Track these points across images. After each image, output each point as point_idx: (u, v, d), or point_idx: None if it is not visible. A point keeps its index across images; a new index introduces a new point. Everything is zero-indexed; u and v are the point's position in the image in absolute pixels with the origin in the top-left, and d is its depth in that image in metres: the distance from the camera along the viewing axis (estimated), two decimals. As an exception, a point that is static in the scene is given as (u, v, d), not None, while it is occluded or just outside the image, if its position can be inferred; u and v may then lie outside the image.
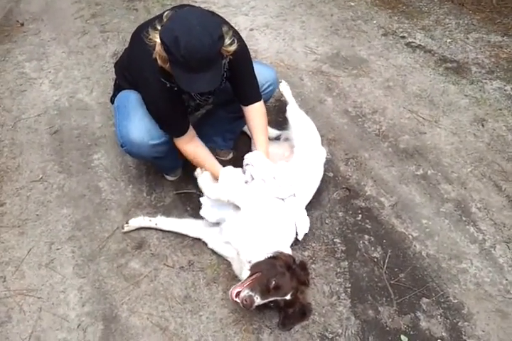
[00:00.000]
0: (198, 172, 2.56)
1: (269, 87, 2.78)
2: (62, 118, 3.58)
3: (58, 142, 3.39)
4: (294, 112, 3.10)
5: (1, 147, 3.36)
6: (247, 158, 2.57)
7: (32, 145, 3.37)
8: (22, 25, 4.59)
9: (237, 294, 2.11)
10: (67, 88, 3.85)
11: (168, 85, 2.26)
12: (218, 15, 2.40)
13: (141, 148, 2.49)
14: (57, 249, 2.75)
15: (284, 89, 3.37)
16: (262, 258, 2.27)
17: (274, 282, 2.14)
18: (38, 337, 2.39)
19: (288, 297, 2.18)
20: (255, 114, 2.65)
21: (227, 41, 2.10)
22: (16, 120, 3.58)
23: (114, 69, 2.78)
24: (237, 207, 2.44)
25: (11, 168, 3.21)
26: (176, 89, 2.29)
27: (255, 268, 2.24)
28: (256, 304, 2.10)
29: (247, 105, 2.63)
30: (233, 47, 2.15)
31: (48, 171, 3.18)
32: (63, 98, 3.76)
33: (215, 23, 2.05)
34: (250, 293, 2.09)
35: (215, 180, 2.52)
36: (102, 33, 4.44)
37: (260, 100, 2.64)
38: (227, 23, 2.32)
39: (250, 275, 2.21)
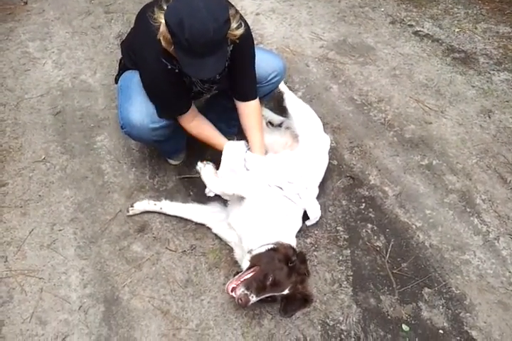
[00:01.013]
0: (200, 167, 2.50)
1: (275, 76, 2.73)
2: (65, 99, 3.54)
3: (61, 123, 3.36)
4: (291, 101, 3.08)
5: (4, 127, 3.33)
6: (248, 161, 2.55)
7: (35, 126, 3.34)
8: (26, 3, 4.51)
9: (233, 289, 2.11)
10: (70, 69, 3.81)
11: (169, 67, 2.22)
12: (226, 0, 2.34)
13: (140, 131, 2.48)
14: (59, 230, 2.74)
15: None
16: (262, 249, 2.27)
17: (271, 278, 2.14)
18: (39, 317, 2.39)
19: (285, 292, 2.19)
20: (250, 112, 2.61)
21: (234, 25, 2.06)
22: (19, 100, 3.54)
23: (119, 49, 2.76)
24: (241, 198, 2.43)
25: (14, 147, 3.19)
26: (176, 71, 2.25)
27: (254, 260, 2.24)
28: (251, 302, 2.11)
29: (243, 101, 2.59)
30: (240, 31, 2.11)
31: (51, 152, 3.16)
32: (66, 79, 3.72)
33: (222, 5, 2.01)
34: (246, 292, 2.09)
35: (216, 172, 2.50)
36: (107, 14, 4.37)
37: (256, 98, 2.60)
38: (233, 6, 2.26)
39: (248, 268, 2.21)
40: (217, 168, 2.53)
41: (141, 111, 2.42)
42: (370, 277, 2.52)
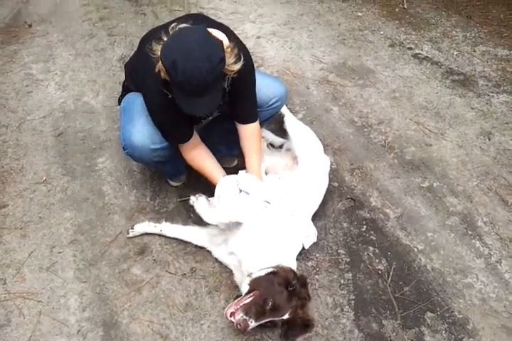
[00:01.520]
0: (193, 200, 2.45)
1: (276, 102, 2.74)
2: (67, 121, 3.57)
3: (63, 144, 3.38)
4: (291, 123, 3.09)
5: (6, 148, 3.35)
6: (240, 182, 2.55)
7: (36, 147, 3.36)
8: (30, 26, 4.60)
9: (232, 314, 2.08)
10: (73, 90, 3.85)
11: (169, 96, 2.22)
12: (227, 28, 2.37)
13: (142, 152, 2.49)
14: (59, 253, 2.73)
15: None
16: (262, 273, 2.24)
17: (270, 303, 2.10)
18: (37, 341, 2.36)
19: (285, 317, 2.15)
20: (250, 134, 2.63)
21: (231, 60, 2.09)
22: (21, 121, 3.57)
23: (122, 72, 2.79)
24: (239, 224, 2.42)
25: (15, 169, 3.19)
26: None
27: (254, 284, 2.21)
28: (250, 327, 2.08)
29: (243, 124, 2.61)
30: (237, 66, 2.14)
31: (52, 173, 3.17)
32: (69, 100, 3.76)
33: (216, 44, 2.01)
34: (245, 317, 2.06)
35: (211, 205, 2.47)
36: (110, 37, 4.45)
37: (256, 121, 2.62)
38: (233, 36, 2.30)
39: (248, 293, 2.18)
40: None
41: (143, 132, 2.44)
42: (372, 301, 2.49)
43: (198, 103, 2.08)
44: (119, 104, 2.74)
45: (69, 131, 3.49)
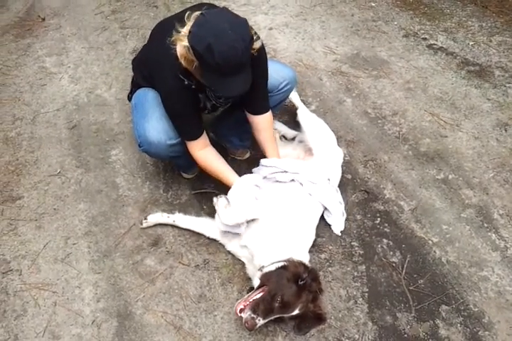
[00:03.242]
0: (215, 201, 2.44)
1: (286, 85, 2.72)
2: (80, 114, 3.58)
3: (76, 137, 3.39)
4: (305, 116, 3.08)
5: (20, 141, 3.38)
6: (278, 166, 2.58)
7: (50, 140, 3.38)
8: (43, 20, 4.61)
9: (242, 310, 2.10)
10: (86, 83, 3.86)
11: (186, 83, 2.23)
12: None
13: (158, 148, 2.48)
14: (74, 244, 2.75)
15: (292, 93, 3.28)
16: (273, 267, 2.23)
17: (279, 300, 2.11)
18: (53, 331, 2.38)
19: (295, 312, 2.15)
20: (265, 125, 2.62)
21: (254, 37, 2.09)
22: (35, 114, 3.59)
23: (131, 66, 2.76)
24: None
25: (30, 161, 3.22)
26: (193, 87, 2.26)
27: (264, 279, 2.21)
28: (258, 325, 2.09)
29: (256, 115, 2.59)
30: (258, 44, 2.15)
31: (66, 166, 3.19)
32: (82, 93, 3.77)
33: (245, 23, 2.02)
34: (252, 315, 2.07)
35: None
36: (122, 30, 4.44)
37: (269, 111, 2.61)
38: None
39: (258, 287, 2.19)
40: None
41: (158, 128, 2.42)
42: (386, 294, 2.48)
43: (233, 83, 2.06)
44: (129, 101, 2.74)
45: (82, 123, 3.50)
